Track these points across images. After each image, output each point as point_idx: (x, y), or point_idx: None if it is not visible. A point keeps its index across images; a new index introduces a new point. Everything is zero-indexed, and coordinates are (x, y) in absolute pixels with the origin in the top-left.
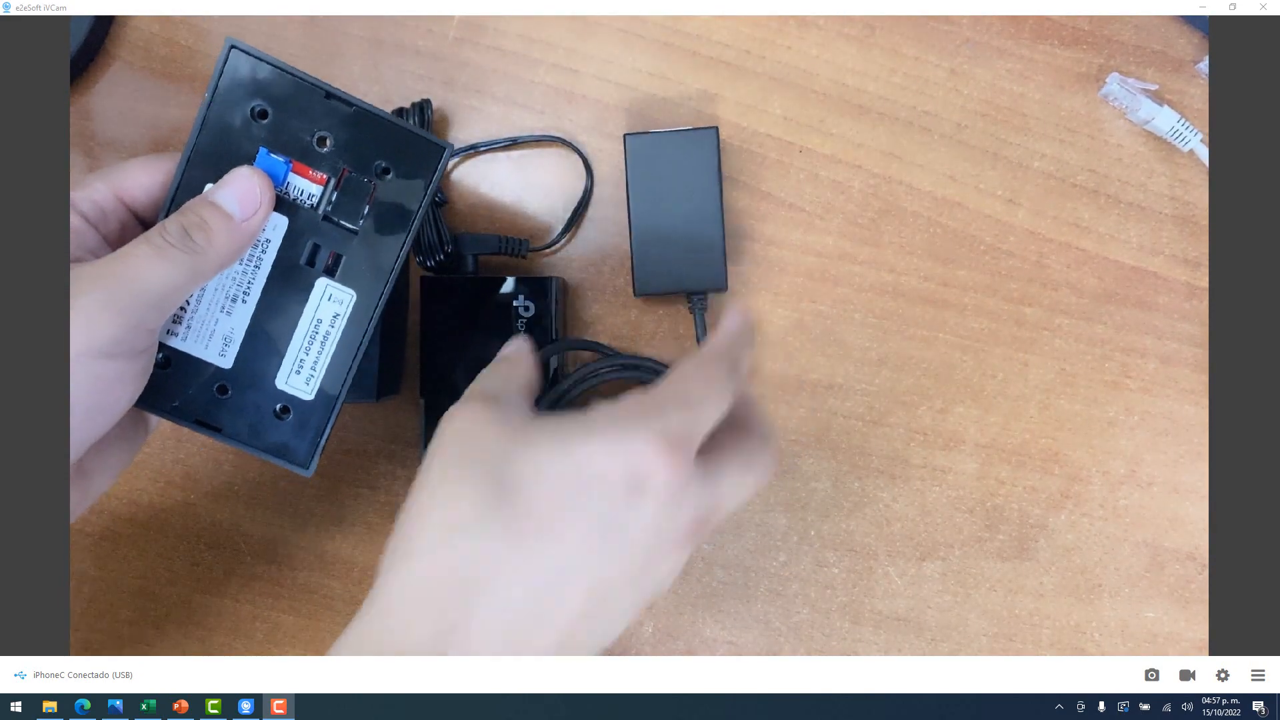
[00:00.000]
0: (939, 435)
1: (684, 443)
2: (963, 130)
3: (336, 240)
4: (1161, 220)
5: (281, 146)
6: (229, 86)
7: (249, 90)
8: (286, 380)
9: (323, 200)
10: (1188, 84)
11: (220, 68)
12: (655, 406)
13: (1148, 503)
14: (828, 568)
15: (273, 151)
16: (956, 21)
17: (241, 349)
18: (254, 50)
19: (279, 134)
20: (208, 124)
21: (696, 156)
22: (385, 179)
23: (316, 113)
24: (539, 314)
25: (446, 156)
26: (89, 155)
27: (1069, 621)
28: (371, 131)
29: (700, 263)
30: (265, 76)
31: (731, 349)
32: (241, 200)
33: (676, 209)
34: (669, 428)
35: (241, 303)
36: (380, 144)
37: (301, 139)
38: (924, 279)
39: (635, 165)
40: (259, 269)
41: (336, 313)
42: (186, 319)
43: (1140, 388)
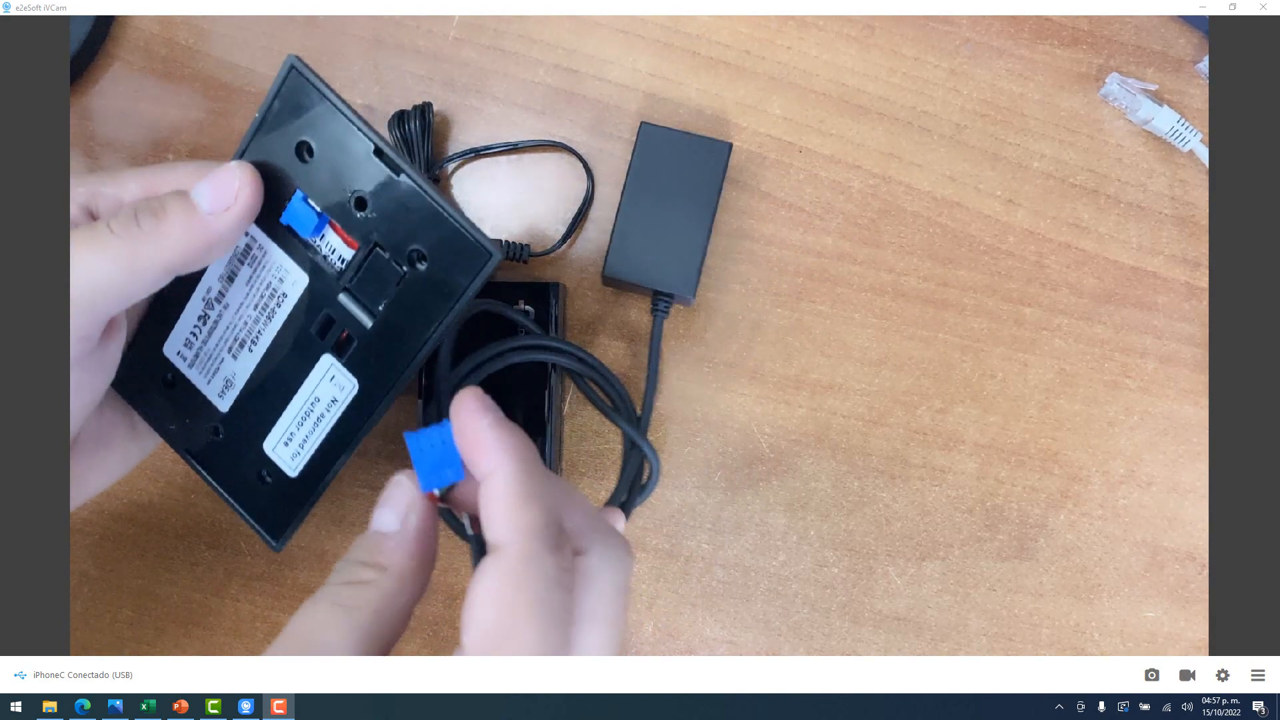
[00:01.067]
0: (938, 435)
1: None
2: (962, 130)
3: (351, 320)
4: (1161, 220)
5: (320, 196)
6: (282, 109)
7: (300, 120)
8: (274, 448)
9: (349, 270)
10: (1187, 84)
11: (278, 86)
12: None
13: (1147, 503)
14: (827, 567)
15: (310, 199)
16: (956, 22)
17: (240, 396)
18: (314, 75)
19: (319, 181)
20: (253, 149)
21: (704, 165)
22: (418, 268)
23: (361, 167)
24: (540, 319)
25: (493, 264)
26: (89, 155)
27: (1069, 621)
28: (415, 209)
29: (675, 268)
30: (319, 109)
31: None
32: (213, 192)
33: (669, 208)
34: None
35: (248, 350)
36: (422, 226)
37: (341, 193)
38: (923, 279)
39: (642, 155)
40: (271, 320)
41: (335, 398)
42: (196, 345)
43: (1140, 388)
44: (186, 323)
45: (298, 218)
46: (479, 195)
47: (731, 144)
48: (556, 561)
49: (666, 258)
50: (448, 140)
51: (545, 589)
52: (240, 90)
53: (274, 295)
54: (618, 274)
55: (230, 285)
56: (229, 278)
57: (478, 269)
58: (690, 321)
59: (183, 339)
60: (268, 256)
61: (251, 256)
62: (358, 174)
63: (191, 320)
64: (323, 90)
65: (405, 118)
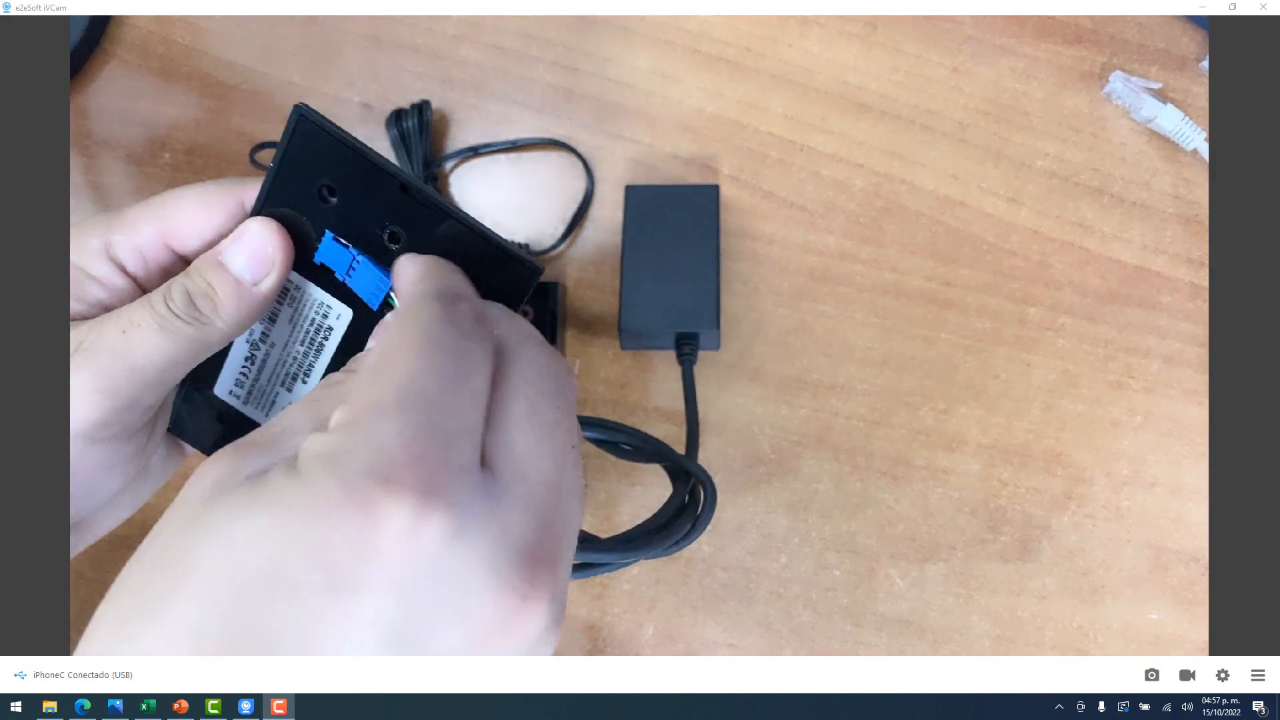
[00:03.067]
0: (941, 436)
1: (421, 469)
2: (965, 129)
3: None
4: (1165, 219)
5: (350, 234)
6: (296, 158)
7: (317, 166)
8: None
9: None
10: (1191, 82)
11: (287, 138)
12: (362, 424)
13: (1151, 504)
14: (829, 569)
15: (339, 238)
16: (959, 20)
17: None
18: (324, 122)
19: (348, 220)
20: (271, 199)
21: (696, 210)
22: None
23: (390, 204)
24: (540, 319)
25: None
26: (86, 154)
27: (1072, 623)
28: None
29: (692, 306)
30: (335, 153)
31: (445, 283)
32: (252, 261)
33: (671, 258)
34: (387, 454)
35: (302, 381)
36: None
37: (371, 229)
38: (926, 278)
39: (633, 216)
40: (320, 353)
41: None
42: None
43: (1144, 388)
44: (234, 364)
45: (331, 256)
46: (478, 194)
47: (718, 186)
48: (453, 307)
49: (681, 301)
50: (446, 138)
51: (433, 321)
52: (237, 89)
53: (320, 330)
54: (635, 325)
55: (273, 325)
56: (270, 318)
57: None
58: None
59: (233, 379)
60: (306, 295)
61: (290, 297)
62: (385, 209)
63: (239, 361)
64: (337, 135)
65: (403, 116)
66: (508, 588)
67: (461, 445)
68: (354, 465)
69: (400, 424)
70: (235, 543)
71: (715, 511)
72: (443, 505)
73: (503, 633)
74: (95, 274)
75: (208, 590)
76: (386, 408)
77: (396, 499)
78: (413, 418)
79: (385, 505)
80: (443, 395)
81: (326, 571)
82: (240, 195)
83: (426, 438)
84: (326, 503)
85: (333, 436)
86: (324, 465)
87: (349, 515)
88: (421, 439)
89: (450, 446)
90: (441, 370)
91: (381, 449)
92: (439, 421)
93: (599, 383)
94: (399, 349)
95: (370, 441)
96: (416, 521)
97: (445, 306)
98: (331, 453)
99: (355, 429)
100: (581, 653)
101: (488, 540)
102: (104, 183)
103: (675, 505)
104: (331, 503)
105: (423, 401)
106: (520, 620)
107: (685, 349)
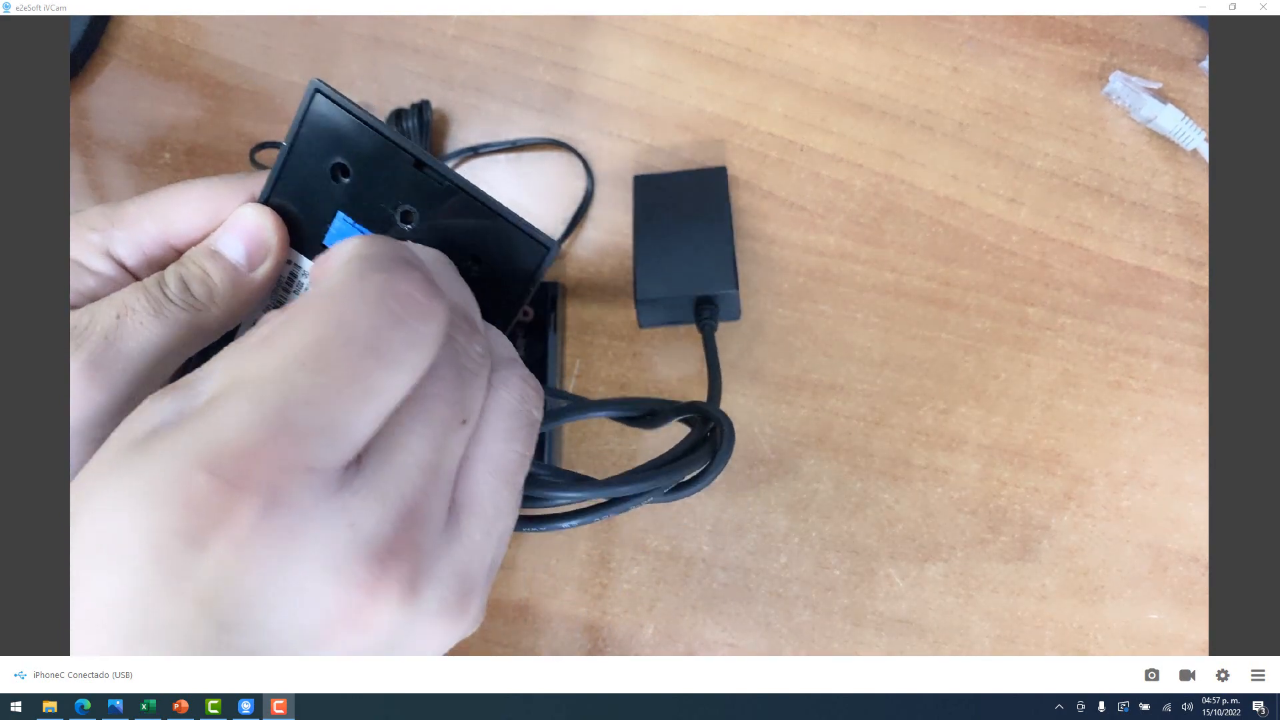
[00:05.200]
0: (941, 436)
1: (247, 461)
2: (965, 129)
3: None
4: (1165, 219)
5: (362, 214)
6: (310, 135)
7: (331, 143)
8: None
9: None
10: (1191, 82)
11: (303, 112)
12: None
13: (1151, 504)
14: (829, 569)
15: (351, 218)
16: (959, 20)
17: None
18: (339, 96)
19: (360, 200)
20: (284, 178)
21: (706, 192)
22: (471, 272)
23: (403, 182)
24: (539, 319)
25: (552, 256)
26: (86, 154)
27: (1072, 624)
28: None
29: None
30: (350, 129)
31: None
32: (249, 247)
33: (684, 238)
34: (216, 436)
35: None
36: (472, 230)
37: (384, 208)
38: (926, 278)
39: (642, 204)
40: None
41: None
42: None
43: (1144, 388)
44: None
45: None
46: None
47: (725, 167)
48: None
49: (698, 267)
50: (446, 138)
51: (348, 295)
52: (237, 89)
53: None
54: (652, 294)
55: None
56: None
57: (537, 263)
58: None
59: None
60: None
61: (298, 284)
62: (400, 188)
63: None
64: (352, 111)
65: (403, 116)
66: (350, 583)
67: (314, 445)
68: (188, 447)
69: (249, 411)
70: (96, 515)
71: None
72: (261, 504)
73: (348, 626)
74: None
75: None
76: (245, 389)
77: (215, 490)
78: (265, 408)
79: (205, 495)
80: (316, 390)
81: (154, 551)
82: (244, 192)
83: (272, 433)
84: (153, 483)
85: (189, 405)
86: (165, 441)
87: (172, 500)
88: (266, 433)
89: (298, 446)
90: (330, 359)
91: (219, 435)
92: (296, 417)
93: (599, 383)
94: (295, 320)
95: (212, 425)
96: (229, 516)
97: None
98: (176, 429)
99: (210, 405)
100: (581, 652)
101: (326, 537)
102: (104, 182)
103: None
104: (158, 483)
105: (286, 390)
106: (367, 613)
107: (705, 314)
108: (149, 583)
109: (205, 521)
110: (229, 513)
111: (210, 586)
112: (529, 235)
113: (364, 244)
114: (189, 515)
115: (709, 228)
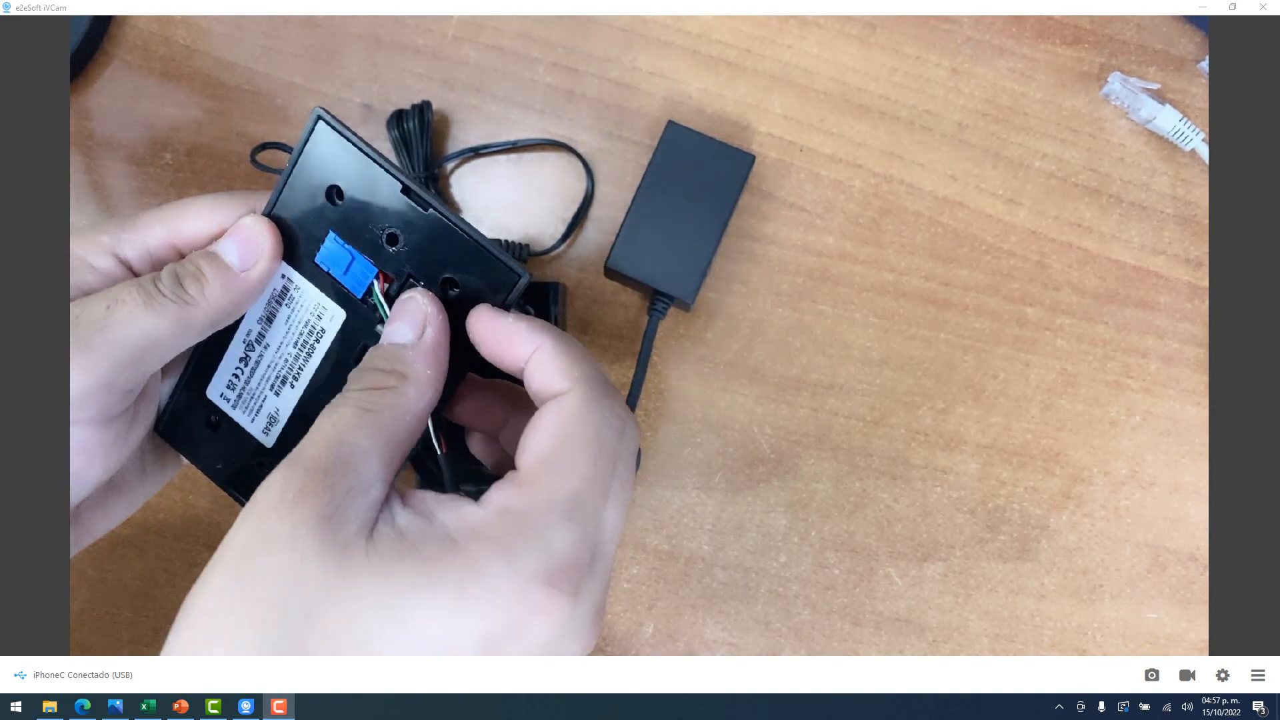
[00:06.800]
0: (940, 436)
1: (575, 575)
2: (964, 129)
3: None
4: (1163, 220)
5: (352, 235)
6: (310, 159)
7: (328, 167)
8: None
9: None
10: (1190, 83)
11: (305, 137)
12: (536, 525)
13: (1149, 503)
14: (828, 569)
15: (342, 239)
16: (958, 21)
17: (284, 432)
18: (339, 124)
19: (351, 221)
20: (284, 197)
21: (724, 173)
22: (449, 295)
23: (391, 206)
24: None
25: (522, 285)
26: (86, 154)
27: (1071, 623)
28: (443, 240)
29: (679, 271)
30: (346, 155)
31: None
32: (242, 250)
33: (682, 211)
34: (556, 561)
35: (290, 386)
36: (451, 256)
37: (372, 231)
38: (925, 279)
39: (664, 153)
40: (311, 356)
41: None
42: (239, 386)
43: (1142, 388)
44: (229, 366)
45: (331, 257)
46: (478, 194)
47: (755, 156)
48: (611, 406)
49: (672, 259)
50: (447, 139)
51: (600, 426)
52: (238, 90)
53: (313, 332)
54: (621, 267)
55: (270, 326)
56: (268, 319)
57: (507, 290)
58: (691, 321)
59: (225, 381)
60: (304, 296)
61: (289, 298)
62: (387, 212)
63: (233, 363)
64: (350, 138)
65: (404, 117)
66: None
67: (598, 547)
68: (529, 567)
69: (571, 535)
70: (410, 623)
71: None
72: (574, 596)
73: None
74: (96, 266)
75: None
76: (561, 513)
77: (554, 601)
78: (579, 530)
79: (547, 603)
80: (600, 507)
81: (485, 645)
82: (249, 205)
83: (586, 549)
84: (499, 594)
85: (501, 524)
86: (499, 558)
87: (516, 608)
88: (584, 551)
89: (593, 549)
90: (603, 480)
91: (552, 556)
92: (593, 533)
93: None
94: (573, 450)
95: (543, 546)
96: (563, 613)
97: (610, 406)
98: (506, 548)
99: (529, 527)
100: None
101: (591, 603)
102: (105, 183)
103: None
104: (503, 595)
105: (588, 514)
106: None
107: (658, 305)
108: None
109: (538, 623)
110: (562, 614)
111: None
112: (502, 263)
113: (581, 358)
114: (523, 618)
115: (704, 220)
